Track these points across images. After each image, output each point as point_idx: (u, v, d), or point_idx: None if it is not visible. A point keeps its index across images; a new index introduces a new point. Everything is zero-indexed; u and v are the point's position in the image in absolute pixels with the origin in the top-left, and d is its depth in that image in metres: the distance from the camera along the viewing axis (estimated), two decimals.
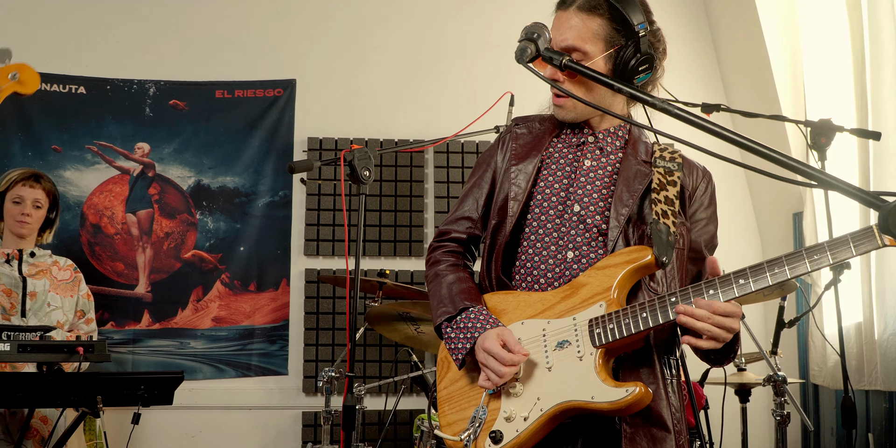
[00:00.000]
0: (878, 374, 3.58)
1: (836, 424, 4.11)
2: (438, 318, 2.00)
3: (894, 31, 3.50)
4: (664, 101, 1.42)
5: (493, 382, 1.87)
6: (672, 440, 1.86)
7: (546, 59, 1.55)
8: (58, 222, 3.74)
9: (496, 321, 1.93)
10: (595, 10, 1.88)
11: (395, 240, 4.69)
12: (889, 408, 3.67)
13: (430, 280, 2.12)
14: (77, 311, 3.65)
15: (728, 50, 4.93)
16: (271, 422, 4.55)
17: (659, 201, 1.92)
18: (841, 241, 1.65)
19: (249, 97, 4.75)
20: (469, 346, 1.92)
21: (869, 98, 3.73)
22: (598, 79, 1.48)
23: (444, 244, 2.15)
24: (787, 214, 4.67)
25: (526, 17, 5.06)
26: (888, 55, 3.56)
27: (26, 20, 4.70)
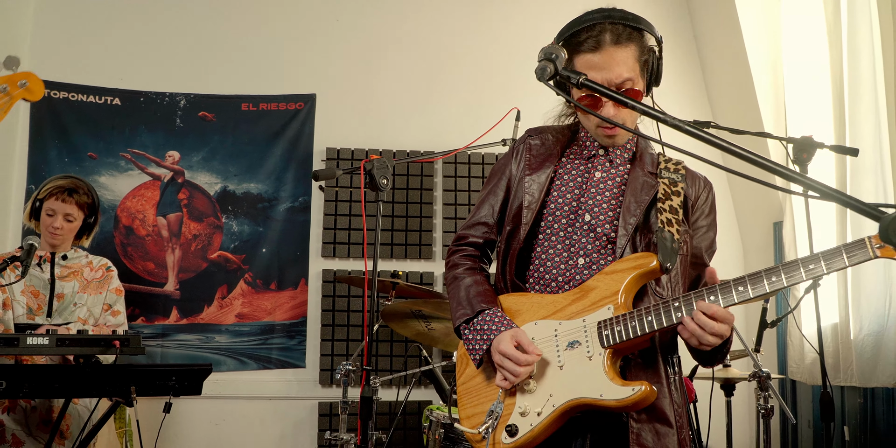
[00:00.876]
0: (853, 371, 3.56)
1: (813, 417, 4.09)
2: (457, 320, 1.99)
3: (872, 53, 3.49)
4: (687, 123, 1.40)
5: (509, 382, 1.85)
6: (675, 435, 1.84)
7: (564, 78, 1.53)
8: (97, 227, 3.64)
9: (510, 323, 1.92)
10: (629, 40, 1.87)
11: (406, 243, 4.67)
12: (864, 403, 3.65)
13: (448, 282, 2.10)
14: (104, 304, 3.54)
15: (714, 70, 4.92)
16: (290, 411, 4.52)
17: (664, 210, 1.91)
18: (835, 251, 1.63)
19: (273, 110, 4.73)
20: (485, 347, 1.90)
21: (847, 116, 3.71)
22: (622, 101, 1.46)
23: (461, 248, 2.13)
24: (767, 223, 4.65)
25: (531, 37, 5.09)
26: (865, 76, 3.55)
27: (65, 35, 4.69)
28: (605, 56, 1.85)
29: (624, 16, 1.89)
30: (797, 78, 4.34)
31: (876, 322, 3.41)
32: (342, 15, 4.87)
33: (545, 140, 2.08)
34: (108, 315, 3.54)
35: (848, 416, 3.75)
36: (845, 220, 3.70)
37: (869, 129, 3.52)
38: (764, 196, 4.57)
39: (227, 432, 4.47)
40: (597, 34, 1.87)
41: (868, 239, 1.59)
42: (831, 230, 3.81)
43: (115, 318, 3.57)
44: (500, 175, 2.11)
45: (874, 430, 3.58)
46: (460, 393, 2.03)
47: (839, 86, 3.81)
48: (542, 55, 1.55)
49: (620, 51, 1.86)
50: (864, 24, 3.53)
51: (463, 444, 3.29)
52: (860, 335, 3.52)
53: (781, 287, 1.69)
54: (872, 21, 3.46)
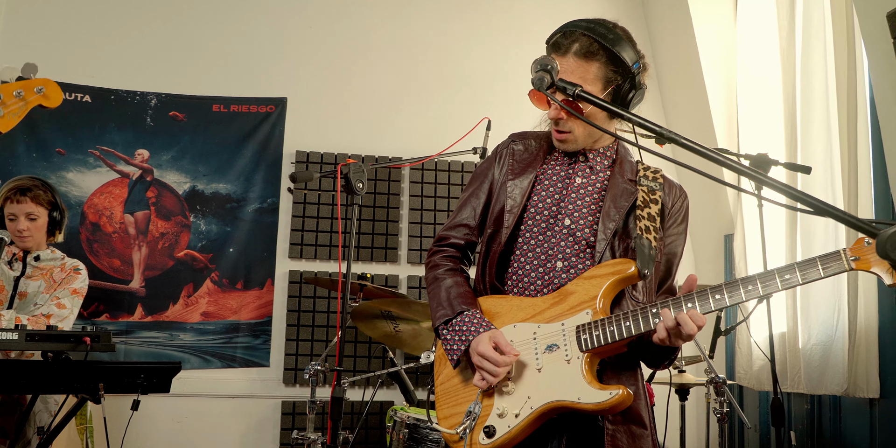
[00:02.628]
0: (801, 378, 3.62)
1: (760, 422, 4.15)
2: (437, 321, 1.96)
3: (825, 73, 3.56)
4: (669, 131, 1.40)
5: (487, 382, 1.83)
6: (649, 436, 1.84)
7: (560, 89, 1.52)
8: (66, 220, 3.50)
9: (489, 324, 1.90)
10: (592, 56, 1.84)
11: (373, 246, 4.62)
12: (810, 409, 3.72)
13: (429, 283, 2.07)
14: (53, 297, 3.34)
15: (670, 88, 4.99)
16: (253, 410, 4.43)
17: (643, 217, 1.91)
18: (810, 262, 1.64)
19: (244, 112, 4.65)
20: (463, 348, 1.88)
21: (798, 135, 3.79)
22: (610, 109, 1.46)
23: (443, 249, 2.11)
24: (718, 236, 4.72)
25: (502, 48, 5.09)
26: (818, 96, 3.62)
27: (37, 31, 4.55)
28: (565, 62, 1.85)
29: (604, 34, 1.85)
30: (750, 97, 4.42)
31: (824, 332, 3.47)
32: (316, 21, 4.81)
33: (528, 145, 2.06)
34: (52, 304, 3.31)
35: (795, 421, 3.82)
36: (795, 235, 3.78)
37: (820, 148, 3.59)
38: (715, 208, 4.65)
39: (190, 430, 4.36)
40: (569, 42, 1.86)
41: (843, 251, 1.60)
42: (781, 244, 3.88)
43: (59, 310, 3.32)
44: (483, 179, 2.10)
45: (820, 435, 3.65)
46: (438, 394, 2.00)
47: (791, 105, 3.89)
48: (538, 66, 1.54)
49: (580, 62, 1.84)
50: (818, 46, 3.60)
51: (427, 444, 3.27)
52: (808, 344, 3.58)
53: (757, 296, 1.70)
54: (826, 42, 3.53)
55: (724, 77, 4.64)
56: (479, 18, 4.95)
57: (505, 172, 2.03)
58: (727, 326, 3.57)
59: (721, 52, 4.63)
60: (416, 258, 4.64)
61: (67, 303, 3.36)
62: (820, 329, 3.51)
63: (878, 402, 3.28)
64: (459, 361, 1.91)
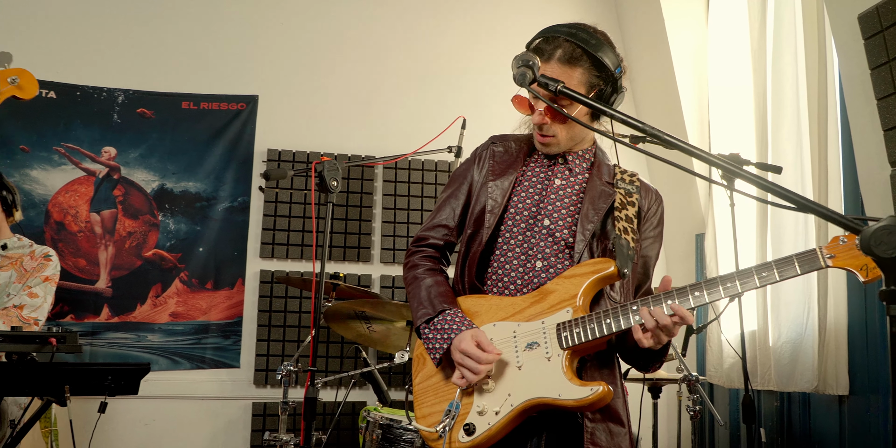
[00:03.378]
0: (771, 376, 3.67)
1: (729, 419, 4.20)
2: (418, 320, 1.96)
3: (795, 75, 3.62)
4: (654, 129, 1.41)
5: (467, 380, 1.83)
6: (627, 434, 1.86)
7: (542, 85, 1.53)
8: (16, 197, 3.32)
9: (471, 323, 1.90)
10: (576, 62, 1.86)
11: (345, 246, 4.60)
12: (780, 406, 3.77)
13: (408, 282, 2.07)
14: (25, 286, 3.24)
15: (643, 90, 5.03)
16: (223, 411, 4.38)
17: (621, 219, 1.93)
18: (787, 260, 1.67)
19: (214, 109, 4.59)
20: (446, 346, 1.88)
21: (769, 136, 3.84)
22: (593, 105, 1.47)
23: (421, 249, 2.11)
24: (689, 235, 4.77)
25: (476, 47, 5.08)
26: (788, 98, 3.68)
27: (1, 25, 4.44)
28: (549, 69, 1.86)
29: (586, 39, 1.87)
30: (722, 98, 4.47)
31: (794, 330, 3.53)
32: (289, 17, 4.78)
33: (508, 147, 2.08)
34: (24, 294, 3.22)
35: (765, 418, 3.87)
36: (765, 234, 3.83)
37: (791, 148, 3.65)
38: (686, 208, 4.70)
39: (158, 432, 4.30)
40: (551, 48, 1.87)
41: (819, 249, 1.63)
42: (752, 243, 3.93)
43: (31, 299, 3.21)
44: (462, 180, 2.10)
45: (790, 432, 3.71)
46: (417, 392, 1.99)
47: (762, 106, 3.94)
48: (519, 62, 1.54)
49: (564, 68, 1.86)
50: (789, 47, 3.66)
51: (400, 444, 3.25)
52: (778, 342, 3.64)
53: (736, 293, 1.72)
54: (797, 44, 3.59)
55: (696, 78, 4.69)
56: (452, 17, 4.95)
57: (485, 174, 2.04)
58: (699, 325, 3.61)
59: (693, 53, 4.69)
60: (390, 258, 4.63)
61: (40, 291, 3.27)
62: (790, 327, 3.57)
63: (847, 399, 3.34)
64: (442, 360, 1.91)
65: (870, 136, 2.95)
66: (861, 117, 3.01)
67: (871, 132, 2.92)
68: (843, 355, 3.33)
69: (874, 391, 3.20)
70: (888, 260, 1.05)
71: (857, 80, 2.97)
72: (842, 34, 3.03)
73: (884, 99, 2.78)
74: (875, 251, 1.06)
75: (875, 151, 2.92)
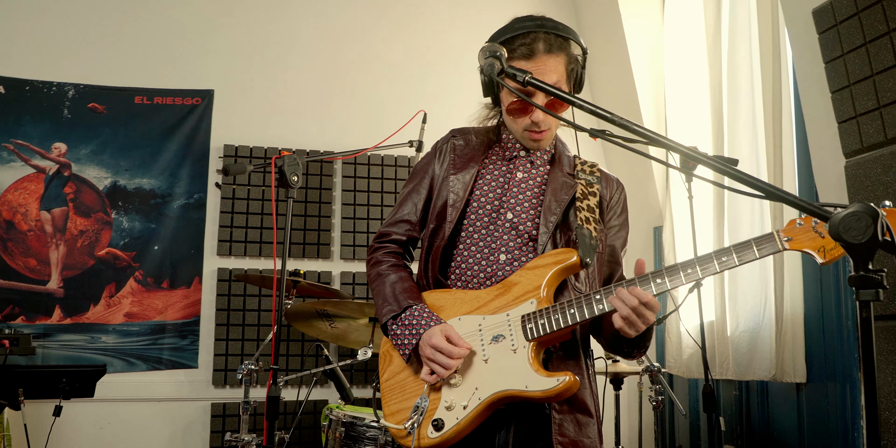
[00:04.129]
0: (729, 365, 3.72)
1: (689, 408, 4.25)
2: (384, 317, 1.94)
3: (750, 71, 3.67)
4: (622, 118, 1.41)
5: (437, 375, 1.81)
6: (595, 424, 1.86)
7: (510, 76, 1.51)
8: None
9: (438, 318, 1.89)
10: (560, 50, 1.88)
11: (305, 243, 4.54)
12: (739, 394, 3.83)
13: (372, 279, 2.04)
14: None
15: (600, 85, 5.06)
16: (181, 413, 4.30)
17: (583, 209, 1.93)
18: (745, 245, 1.69)
19: (168, 104, 4.50)
20: (415, 342, 1.86)
21: (725, 129, 3.90)
22: (567, 99, 1.46)
23: (384, 245, 2.08)
24: (648, 228, 4.81)
25: (436, 41, 5.06)
26: (744, 93, 3.73)
27: None
28: (538, 63, 1.85)
29: (556, 26, 1.90)
30: (678, 93, 4.52)
31: (752, 319, 3.58)
32: (244, 10, 4.70)
33: (469, 141, 2.06)
34: None
35: (724, 407, 3.93)
36: (722, 226, 3.88)
37: (746, 141, 3.71)
38: (644, 201, 4.74)
39: (115, 435, 4.20)
40: (530, 42, 1.86)
41: (777, 232, 1.65)
42: (709, 235, 3.98)
43: None
44: (423, 174, 2.08)
45: (749, 420, 3.77)
46: (384, 390, 1.97)
47: (718, 100, 4.00)
48: (487, 53, 1.53)
49: (552, 59, 1.87)
50: (744, 42, 3.72)
51: (364, 442, 3.23)
52: (736, 332, 3.69)
53: (697, 278, 1.73)
54: (752, 39, 3.65)
55: (653, 72, 4.74)
56: (410, 10, 4.92)
57: (446, 167, 2.03)
58: (659, 316, 3.64)
59: (649, 48, 4.73)
60: (350, 254, 4.59)
61: None
62: (748, 317, 3.63)
63: (805, 386, 3.41)
64: (411, 356, 1.88)
65: (824, 129, 3.00)
66: (815, 110, 3.06)
67: (826, 124, 2.97)
68: (800, 343, 3.39)
69: (831, 378, 3.27)
70: (857, 245, 1.06)
71: (811, 74, 3.02)
72: (796, 28, 3.08)
73: (838, 92, 2.83)
74: (844, 237, 1.07)
75: (829, 143, 2.97)
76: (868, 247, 1.07)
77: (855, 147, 2.80)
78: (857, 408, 3.12)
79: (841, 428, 3.19)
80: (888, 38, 2.55)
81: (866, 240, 1.06)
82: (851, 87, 2.76)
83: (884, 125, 2.65)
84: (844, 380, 3.19)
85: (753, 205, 3.67)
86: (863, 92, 2.72)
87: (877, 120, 2.68)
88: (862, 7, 2.65)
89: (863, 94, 2.72)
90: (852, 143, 2.81)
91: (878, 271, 1.08)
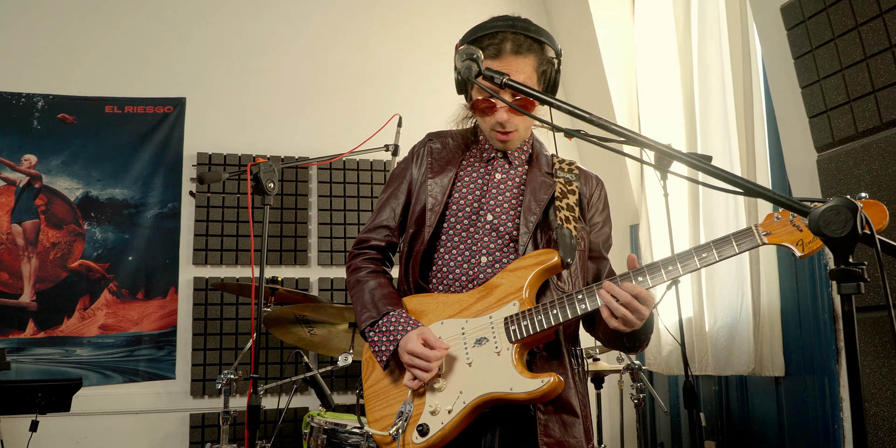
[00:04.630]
0: (708, 361, 3.74)
1: (670, 405, 4.27)
2: (363, 323, 1.92)
3: (721, 68, 3.70)
4: (600, 118, 1.41)
5: (419, 381, 1.80)
6: (580, 424, 1.85)
7: (487, 78, 1.51)
8: None
9: (416, 323, 1.87)
10: (526, 51, 1.85)
11: (281, 249, 4.50)
12: (718, 390, 3.85)
13: (351, 286, 2.02)
14: None
15: (573, 85, 5.08)
16: (159, 425, 4.23)
17: (562, 208, 1.92)
18: (725, 240, 1.69)
19: (139, 113, 4.44)
20: (392, 348, 1.85)
21: (698, 127, 3.92)
22: (540, 98, 1.45)
23: (363, 251, 2.06)
24: (624, 226, 4.84)
25: (405, 47, 5.04)
26: (715, 90, 3.76)
27: None
28: (504, 64, 1.84)
29: (526, 27, 1.87)
30: (650, 92, 4.55)
31: (729, 315, 3.61)
32: (214, 17, 4.65)
33: (446, 144, 2.05)
34: None
35: (704, 402, 3.95)
36: (698, 224, 3.91)
37: (719, 139, 3.73)
38: (620, 200, 4.76)
39: None
40: (498, 42, 1.85)
41: (755, 227, 1.66)
42: (685, 232, 4.01)
43: None
44: (401, 179, 2.06)
45: (729, 414, 3.79)
46: (367, 396, 1.95)
47: (690, 98, 4.03)
48: (463, 55, 1.52)
49: (519, 60, 1.85)
50: (714, 40, 3.75)
51: None
52: (714, 327, 3.71)
53: (678, 275, 1.73)
54: (721, 36, 3.68)
55: (625, 71, 4.76)
56: (381, 14, 4.90)
57: (424, 171, 2.01)
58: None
59: (621, 47, 4.76)
60: (327, 260, 4.55)
61: None
62: (725, 312, 3.65)
63: (783, 379, 3.44)
64: (389, 363, 1.87)
65: (795, 124, 3.03)
66: (786, 105, 3.09)
67: (797, 119, 3.00)
68: (778, 337, 3.42)
69: (809, 371, 3.30)
70: (837, 239, 1.06)
71: (780, 69, 3.05)
72: (764, 25, 3.11)
73: (808, 87, 2.86)
74: (825, 232, 1.07)
75: (801, 138, 3.00)
76: (848, 240, 1.07)
77: (826, 141, 2.84)
78: (836, 400, 3.15)
79: (820, 420, 3.22)
80: (856, 32, 2.59)
81: (846, 234, 1.06)
82: (821, 81, 2.79)
83: (854, 119, 2.68)
84: (823, 372, 3.22)
85: (728, 201, 3.70)
86: (833, 86, 2.75)
87: (847, 114, 2.71)
88: (830, 3, 2.68)
89: (833, 89, 2.75)
90: (824, 138, 2.84)
91: (858, 264, 1.08)
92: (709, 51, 3.78)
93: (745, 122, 3.57)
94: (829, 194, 2.80)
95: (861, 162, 2.66)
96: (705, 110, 3.86)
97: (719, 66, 3.71)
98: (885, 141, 2.57)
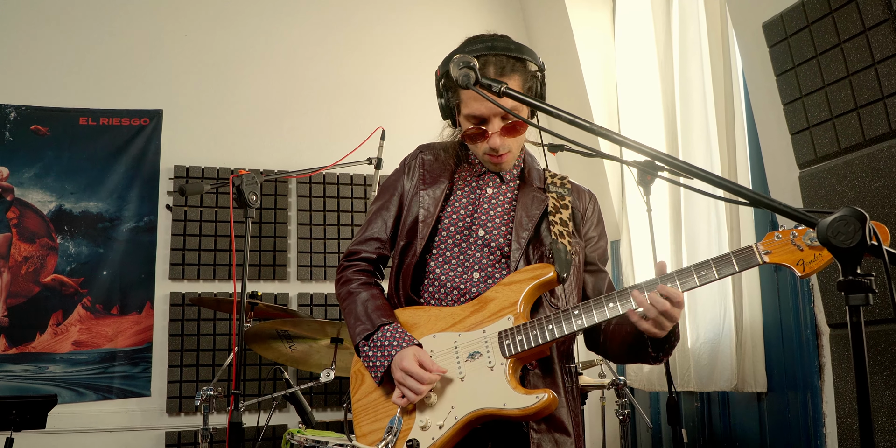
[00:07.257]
0: (691, 377, 3.75)
1: (652, 421, 4.26)
2: (357, 336, 1.89)
3: (702, 84, 3.74)
4: (600, 127, 1.41)
5: (408, 400, 1.76)
6: (573, 444, 1.83)
7: (485, 87, 1.49)
8: None
9: (412, 338, 1.84)
10: (512, 71, 1.83)
11: (261, 264, 4.44)
12: (700, 406, 3.85)
13: (343, 298, 1.99)
14: None
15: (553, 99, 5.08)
16: (134, 443, 4.14)
17: (556, 223, 1.91)
18: (724, 258, 1.69)
19: (115, 125, 4.37)
20: (387, 364, 1.82)
21: (679, 142, 3.95)
22: (539, 106, 1.44)
23: (354, 263, 2.03)
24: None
25: (386, 60, 5.02)
26: (696, 105, 3.80)
27: None
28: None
29: (507, 47, 1.85)
30: (631, 106, 4.58)
31: (712, 331, 3.62)
32: (191, 30, 4.61)
33: (438, 156, 2.03)
34: None
35: (686, 418, 3.94)
36: (680, 240, 3.92)
37: (700, 153, 3.76)
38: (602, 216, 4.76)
39: None
40: (481, 67, 1.81)
41: (755, 245, 1.65)
42: (666, 248, 4.02)
43: None
44: (392, 191, 2.04)
45: (711, 431, 3.79)
46: (356, 410, 1.92)
47: (671, 113, 4.06)
48: (460, 64, 1.51)
49: (504, 80, 1.83)
50: (695, 56, 3.79)
51: None
52: (697, 343, 3.72)
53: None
54: (703, 52, 3.72)
55: (605, 87, 4.79)
56: (362, 27, 4.88)
57: (416, 183, 1.99)
58: None
59: (602, 63, 4.78)
60: (307, 275, 4.50)
61: None
62: (707, 328, 3.66)
63: (766, 395, 3.45)
64: (383, 379, 1.83)
65: (777, 140, 3.06)
66: (768, 121, 3.13)
67: (779, 136, 3.03)
68: (760, 353, 3.43)
69: (791, 387, 3.31)
70: (846, 250, 1.06)
71: (762, 86, 3.09)
72: (746, 42, 3.15)
73: (790, 103, 2.89)
74: (833, 242, 1.07)
75: (783, 154, 3.03)
76: (857, 251, 1.07)
77: (809, 158, 2.86)
78: (818, 416, 3.16)
79: (803, 436, 3.23)
80: (839, 49, 2.62)
81: (855, 244, 1.06)
82: (804, 98, 2.83)
83: (837, 136, 2.72)
84: (805, 388, 3.23)
85: (710, 217, 3.72)
86: (815, 103, 2.78)
87: (830, 131, 2.74)
88: (812, 20, 2.71)
89: (815, 106, 2.78)
90: (806, 154, 2.87)
91: (866, 276, 1.08)
92: (690, 67, 3.82)
93: (726, 138, 3.60)
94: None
95: (844, 178, 2.69)
96: (686, 126, 3.89)
97: (700, 82, 3.75)
98: (867, 157, 2.61)
